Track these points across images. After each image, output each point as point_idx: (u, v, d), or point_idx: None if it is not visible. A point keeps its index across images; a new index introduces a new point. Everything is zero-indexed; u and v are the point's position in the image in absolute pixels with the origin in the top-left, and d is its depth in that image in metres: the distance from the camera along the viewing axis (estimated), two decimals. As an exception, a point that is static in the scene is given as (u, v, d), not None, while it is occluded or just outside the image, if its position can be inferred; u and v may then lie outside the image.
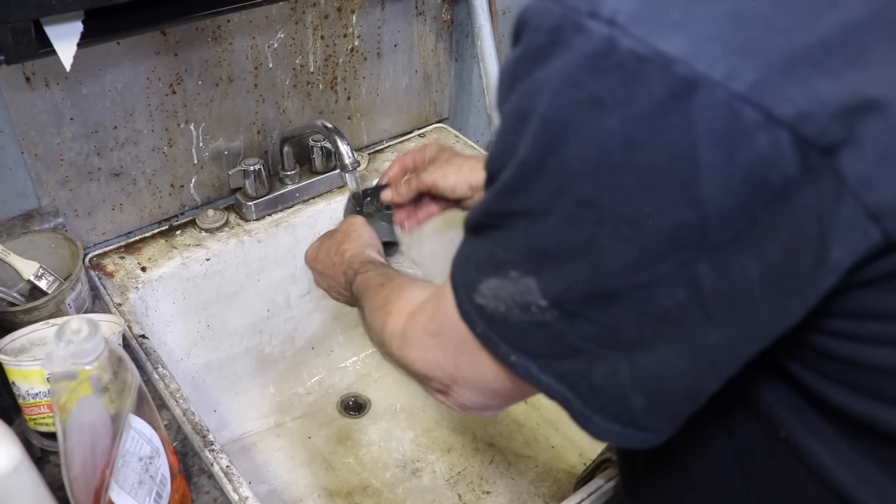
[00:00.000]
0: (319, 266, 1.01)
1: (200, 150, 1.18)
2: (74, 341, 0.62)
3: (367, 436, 1.34)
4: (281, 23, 1.14)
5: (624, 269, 0.47)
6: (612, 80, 0.43)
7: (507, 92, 0.50)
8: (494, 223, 0.54)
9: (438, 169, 1.05)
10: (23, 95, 0.96)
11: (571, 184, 0.46)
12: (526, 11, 0.48)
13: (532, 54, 0.47)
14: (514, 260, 0.52)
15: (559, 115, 0.45)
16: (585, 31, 0.43)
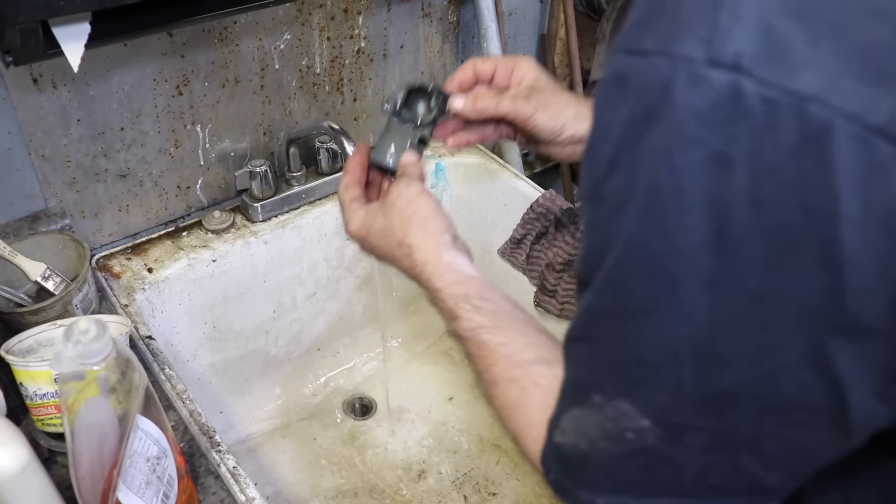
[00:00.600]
0: (372, 251, 0.81)
1: (207, 151, 1.18)
2: (82, 342, 0.62)
3: (372, 437, 1.34)
4: (287, 24, 1.15)
5: (745, 360, 0.41)
6: (737, 132, 0.38)
7: (608, 170, 0.44)
8: (582, 336, 0.48)
9: (541, 103, 0.83)
10: (30, 97, 0.97)
11: (686, 263, 0.41)
12: (622, 71, 0.43)
13: (640, 118, 0.41)
14: (599, 381, 0.46)
15: (674, 181, 0.40)
16: (705, 81, 0.39)
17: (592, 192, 0.45)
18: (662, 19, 0.41)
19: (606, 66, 0.45)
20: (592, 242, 0.46)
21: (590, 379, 0.47)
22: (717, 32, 0.38)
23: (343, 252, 1.34)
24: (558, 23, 1.47)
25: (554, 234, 1.22)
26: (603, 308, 0.46)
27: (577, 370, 0.49)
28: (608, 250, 0.44)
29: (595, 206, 0.45)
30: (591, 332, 0.47)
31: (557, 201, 1.24)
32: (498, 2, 1.35)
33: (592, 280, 0.46)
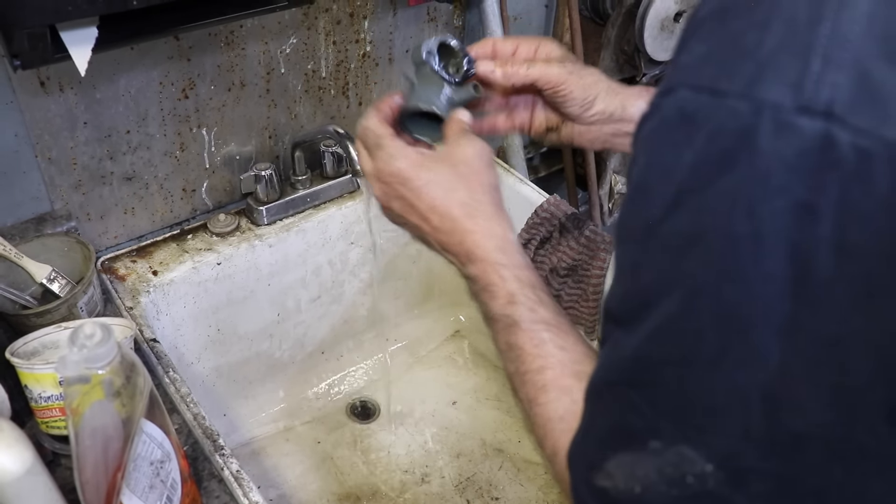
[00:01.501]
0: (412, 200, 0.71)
1: (212, 154, 1.18)
2: (88, 346, 0.62)
3: (376, 441, 1.34)
4: (293, 28, 1.15)
5: (817, 404, 0.40)
6: (826, 181, 0.37)
7: (667, 211, 0.42)
8: (630, 380, 0.46)
9: (574, 70, 0.79)
10: (37, 100, 0.97)
11: (761, 309, 0.39)
12: (688, 109, 0.41)
13: (712, 161, 0.39)
14: (657, 427, 0.44)
15: (754, 229, 0.38)
16: (793, 129, 0.37)
17: (642, 232, 0.43)
18: (739, 58, 0.39)
19: (659, 98, 0.43)
20: (638, 282, 0.44)
21: (644, 424, 0.44)
22: (808, 77, 0.37)
23: (347, 256, 1.34)
24: (563, 28, 1.48)
25: (558, 239, 1.22)
26: (661, 354, 0.43)
27: (623, 415, 0.46)
28: (665, 294, 0.42)
29: (643, 246, 0.44)
30: (643, 378, 0.44)
31: (562, 206, 1.24)
32: (503, 6, 1.35)
33: (636, 321, 0.44)
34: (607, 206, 1.68)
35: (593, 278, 1.18)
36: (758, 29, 0.39)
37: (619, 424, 0.46)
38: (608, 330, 0.48)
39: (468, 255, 0.67)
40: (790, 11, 0.38)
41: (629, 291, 0.46)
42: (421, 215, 0.70)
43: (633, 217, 0.45)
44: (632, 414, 0.45)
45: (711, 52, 0.41)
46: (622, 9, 1.39)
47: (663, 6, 1.35)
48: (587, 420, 0.50)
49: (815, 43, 0.37)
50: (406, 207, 0.71)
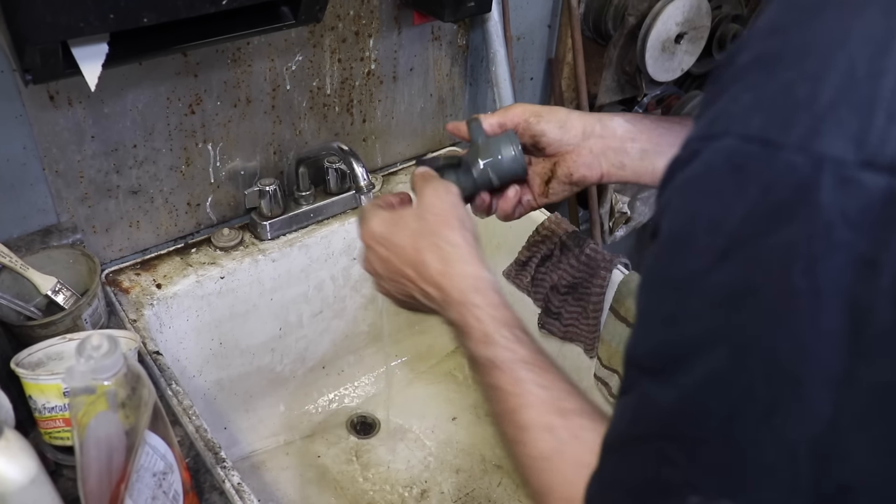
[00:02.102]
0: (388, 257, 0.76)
1: (217, 169, 1.19)
2: (94, 357, 0.63)
3: (375, 456, 1.35)
4: (299, 46, 1.16)
5: (868, 453, 0.39)
6: (890, 236, 0.36)
7: (714, 263, 0.40)
8: (667, 434, 0.44)
9: (533, 105, 0.89)
10: (46, 113, 0.98)
11: (815, 364, 0.38)
12: (737, 160, 0.40)
13: (766, 215, 0.38)
14: (697, 481, 0.42)
15: (812, 284, 0.37)
16: (856, 184, 0.36)
17: (682, 282, 0.42)
18: (793, 109, 0.38)
19: (699, 143, 0.42)
20: (676, 334, 0.43)
21: (682, 479, 0.42)
22: (872, 132, 0.36)
23: (349, 271, 1.35)
24: (566, 47, 1.49)
25: (559, 257, 1.23)
26: (705, 408, 0.42)
27: (657, 469, 0.44)
28: (711, 347, 0.41)
29: (683, 297, 0.42)
30: (683, 432, 0.43)
31: (563, 224, 1.25)
32: (507, 26, 1.37)
33: (673, 373, 0.43)
34: (608, 225, 1.69)
35: (593, 296, 1.19)
36: (811, 80, 0.38)
37: (652, 478, 0.44)
38: (632, 378, 0.46)
39: (445, 299, 0.70)
40: (846, 64, 0.38)
41: (664, 343, 0.44)
42: (400, 271, 0.74)
43: (670, 267, 0.44)
44: (668, 468, 0.43)
45: (760, 101, 0.40)
46: (624, 30, 1.41)
47: (665, 28, 1.37)
48: (608, 473, 0.49)
49: (878, 96, 0.36)
50: (389, 268, 0.75)
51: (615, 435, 0.49)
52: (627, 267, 1.19)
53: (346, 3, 1.17)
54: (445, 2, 1.14)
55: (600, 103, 1.53)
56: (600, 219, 1.67)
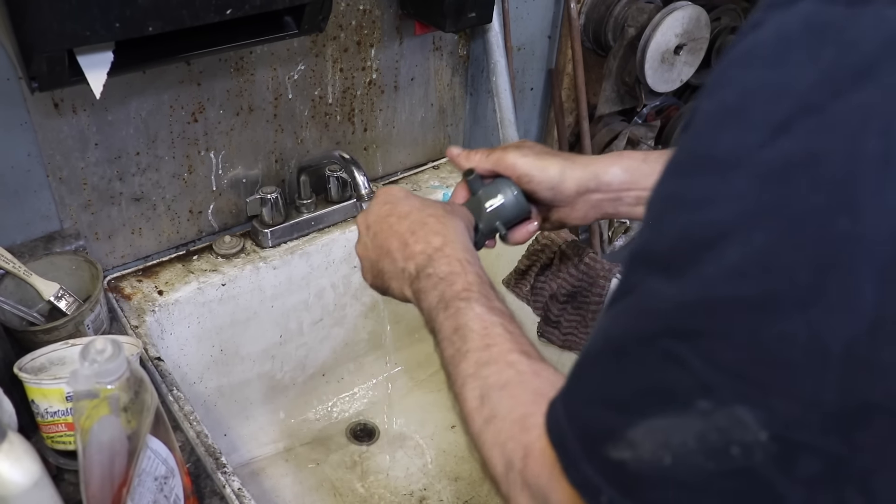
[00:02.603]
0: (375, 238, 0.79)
1: (219, 177, 1.20)
2: (98, 361, 0.64)
3: (375, 463, 1.35)
4: (302, 55, 1.17)
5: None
6: None
7: (773, 134, 0.37)
8: (678, 331, 0.40)
9: (525, 157, 0.85)
10: (51, 121, 0.99)
11: (868, 247, 0.34)
12: (820, 20, 0.37)
13: (845, 75, 0.35)
14: (710, 383, 0.39)
15: (886, 151, 0.34)
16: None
17: (725, 160, 0.39)
18: None
19: (765, 13, 0.39)
20: (706, 216, 0.39)
21: (691, 382, 0.39)
22: None
23: (350, 279, 1.36)
24: (566, 58, 1.50)
25: (558, 266, 1.24)
26: (731, 297, 0.38)
27: (662, 372, 0.40)
28: (750, 226, 0.37)
29: (723, 176, 0.38)
30: (699, 327, 0.39)
31: (562, 234, 1.26)
32: (507, 37, 1.38)
33: (693, 263, 0.39)
34: (607, 235, 1.70)
35: (592, 305, 1.20)
36: None
37: (655, 383, 0.41)
38: (633, 279, 0.43)
39: (436, 250, 0.71)
40: None
41: (689, 229, 0.40)
42: (394, 230, 0.76)
43: (711, 145, 0.40)
44: (676, 370, 0.39)
45: None
46: (624, 41, 1.42)
47: (664, 39, 1.38)
48: (595, 384, 0.45)
49: None
50: (384, 226, 0.78)
51: (601, 344, 0.45)
52: (626, 276, 1.20)
53: (348, 13, 1.19)
54: (447, 12, 1.15)
55: (600, 113, 1.54)
56: (599, 228, 1.68)
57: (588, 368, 0.46)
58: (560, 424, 0.46)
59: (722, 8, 1.51)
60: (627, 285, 0.44)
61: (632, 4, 1.42)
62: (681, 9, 1.37)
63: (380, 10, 1.22)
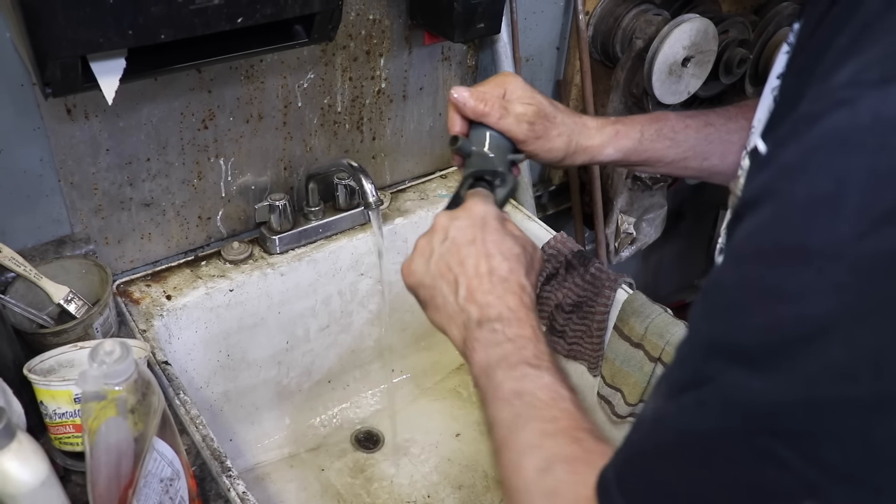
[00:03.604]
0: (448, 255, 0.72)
1: (229, 184, 1.21)
2: (107, 362, 0.65)
3: (379, 470, 1.36)
4: (311, 64, 1.19)
5: None
6: None
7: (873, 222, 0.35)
8: (776, 429, 0.38)
9: (541, 133, 0.85)
10: (63, 126, 1.00)
11: None
12: None
13: None
14: (816, 484, 0.37)
15: None
16: None
17: (818, 251, 0.37)
18: None
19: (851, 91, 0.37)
20: (799, 311, 0.37)
21: (795, 482, 0.37)
22: None
23: (357, 287, 1.36)
24: (574, 70, 1.51)
25: (564, 276, 1.24)
26: (839, 398, 0.36)
27: (761, 471, 0.38)
28: (853, 322, 0.35)
29: (815, 268, 0.37)
30: (803, 426, 0.37)
31: (568, 244, 1.26)
32: (516, 48, 1.39)
33: (788, 358, 0.37)
34: (613, 246, 1.70)
35: (597, 315, 1.21)
36: None
37: (748, 482, 0.39)
38: (710, 371, 0.41)
39: (509, 310, 0.67)
40: None
41: (779, 321, 0.38)
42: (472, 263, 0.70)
43: (801, 236, 0.38)
44: (775, 470, 0.37)
45: None
46: (632, 53, 1.43)
47: (671, 52, 1.39)
48: (666, 481, 0.43)
49: None
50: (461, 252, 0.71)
51: (672, 437, 0.43)
52: (631, 286, 1.20)
53: (357, 22, 1.20)
54: (455, 23, 1.16)
55: (607, 125, 1.54)
56: (606, 239, 1.68)
57: (654, 460, 0.44)
58: None
59: (730, 21, 1.52)
60: (701, 376, 0.41)
61: (640, 16, 1.43)
62: (689, 21, 1.38)
63: (389, 20, 1.23)
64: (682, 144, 0.89)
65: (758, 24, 1.63)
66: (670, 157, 0.90)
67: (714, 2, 1.58)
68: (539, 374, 0.62)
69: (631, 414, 1.20)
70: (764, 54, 1.64)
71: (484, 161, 0.83)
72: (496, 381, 0.63)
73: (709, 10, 1.53)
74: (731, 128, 0.89)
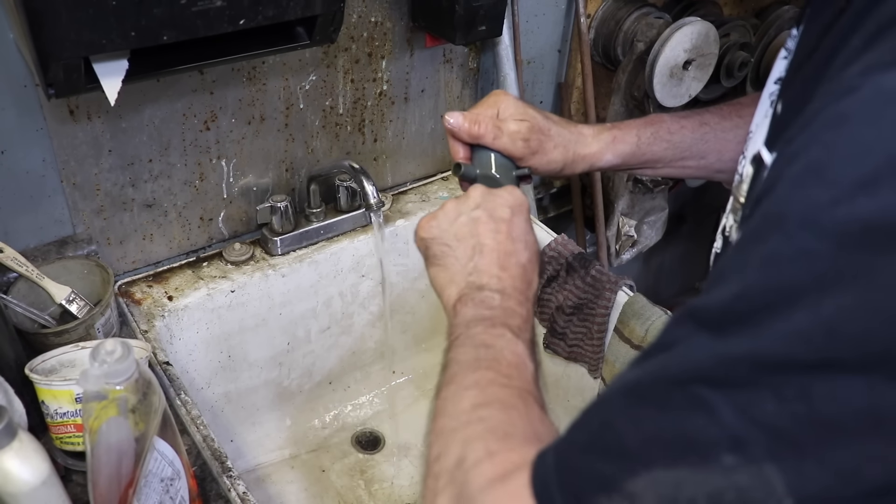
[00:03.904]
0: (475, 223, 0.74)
1: (230, 185, 1.22)
2: (108, 361, 0.65)
3: (380, 472, 1.36)
4: (313, 66, 1.19)
5: None
6: None
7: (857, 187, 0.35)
8: (716, 380, 0.38)
9: (538, 148, 0.86)
10: (66, 127, 1.01)
11: None
12: None
13: None
14: (743, 437, 0.36)
15: None
16: None
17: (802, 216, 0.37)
18: None
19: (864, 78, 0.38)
20: (775, 276, 0.37)
21: (720, 433, 0.37)
22: None
23: (358, 288, 1.37)
24: (575, 72, 1.52)
25: (564, 278, 1.24)
26: (785, 355, 0.36)
27: (688, 420, 0.38)
28: (833, 287, 0.35)
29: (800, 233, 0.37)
30: (743, 379, 0.37)
31: (569, 246, 1.26)
32: (517, 50, 1.39)
33: (754, 321, 0.37)
34: (614, 248, 1.70)
35: (598, 317, 1.21)
36: None
37: (673, 431, 0.38)
38: (677, 334, 0.41)
39: (515, 289, 0.70)
40: None
41: (748, 289, 0.38)
42: (496, 239, 0.73)
43: (786, 202, 0.38)
44: (702, 418, 0.37)
45: None
46: (633, 56, 1.43)
47: (673, 55, 1.39)
48: (597, 430, 0.43)
49: None
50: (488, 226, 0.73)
51: (613, 390, 0.43)
52: (632, 289, 1.21)
53: (359, 24, 1.20)
54: (457, 25, 1.17)
55: (608, 127, 1.55)
56: (607, 241, 1.69)
57: (591, 416, 0.44)
58: (547, 472, 0.44)
59: (731, 24, 1.52)
60: (667, 340, 0.42)
61: (641, 19, 1.44)
62: (690, 24, 1.38)
63: (391, 22, 1.23)
64: (679, 145, 0.90)
65: (759, 27, 1.63)
66: (668, 158, 0.91)
67: (715, 5, 1.58)
68: (514, 341, 0.63)
69: (631, 416, 1.20)
70: (765, 58, 1.65)
71: (491, 182, 0.84)
72: (473, 331, 0.64)
73: (710, 13, 1.53)
74: (726, 126, 0.91)
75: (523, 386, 0.59)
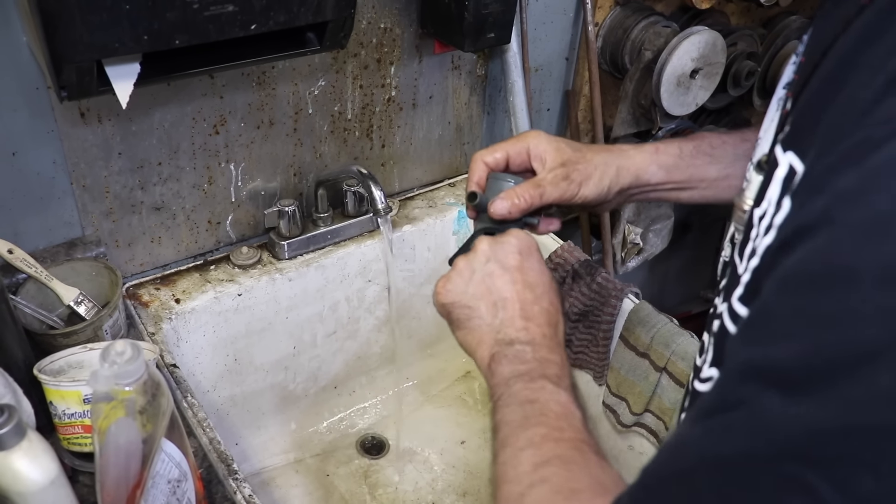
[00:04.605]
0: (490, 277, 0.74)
1: (238, 189, 1.22)
2: (118, 362, 0.65)
3: (384, 477, 1.36)
4: (323, 71, 1.19)
5: None
6: None
7: None
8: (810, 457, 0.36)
9: (582, 176, 0.83)
10: (77, 129, 1.01)
11: None
12: None
13: None
14: None
15: None
16: None
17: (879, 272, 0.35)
18: None
19: None
20: (841, 337, 0.36)
21: None
22: None
23: (364, 293, 1.37)
24: (583, 80, 1.52)
25: (570, 285, 1.25)
26: (882, 425, 0.34)
27: (784, 500, 0.36)
28: None
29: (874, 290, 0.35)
30: (837, 454, 0.35)
31: (575, 253, 1.27)
32: (525, 58, 1.40)
33: (831, 383, 0.35)
34: (620, 255, 1.70)
35: (604, 324, 1.21)
36: None
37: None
38: (743, 394, 0.39)
39: (544, 337, 0.70)
40: None
41: (822, 346, 0.36)
42: (514, 290, 0.72)
43: (851, 258, 0.36)
44: (799, 498, 0.35)
45: None
46: (640, 64, 1.44)
47: (680, 63, 1.40)
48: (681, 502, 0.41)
49: None
50: (504, 278, 0.73)
51: (693, 460, 0.41)
52: (638, 296, 1.21)
53: (369, 30, 1.21)
54: (466, 32, 1.17)
55: (615, 135, 1.55)
56: (612, 249, 1.69)
57: (670, 484, 0.42)
58: None
59: (738, 33, 1.52)
60: (733, 399, 0.40)
61: (649, 28, 1.44)
62: (697, 33, 1.39)
63: (400, 28, 1.24)
64: (722, 160, 0.87)
65: (766, 37, 1.64)
66: (713, 174, 0.88)
67: (723, 14, 1.58)
68: (556, 391, 0.64)
69: (636, 423, 1.20)
70: (772, 67, 1.65)
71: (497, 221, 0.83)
72: (513, 389, 0.65)
73: (717, 22, 1.54)
74: None
75: (576, 436, 0.59)
